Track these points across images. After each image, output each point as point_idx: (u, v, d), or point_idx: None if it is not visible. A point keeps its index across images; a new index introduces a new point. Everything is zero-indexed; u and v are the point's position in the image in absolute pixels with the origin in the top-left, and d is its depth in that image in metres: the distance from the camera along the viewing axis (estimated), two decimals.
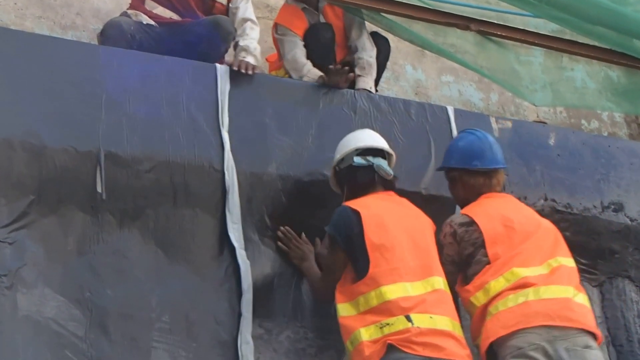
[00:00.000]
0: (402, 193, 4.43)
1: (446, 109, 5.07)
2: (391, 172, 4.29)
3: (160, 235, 4.17)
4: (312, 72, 5.03)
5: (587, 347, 4.00)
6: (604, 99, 6.23)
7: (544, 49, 5.76)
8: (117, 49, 4.39)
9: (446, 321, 3.91)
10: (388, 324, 3.82)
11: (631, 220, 5.25)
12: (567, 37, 5.66)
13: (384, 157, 4.30)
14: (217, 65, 4.57)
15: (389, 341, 3.77)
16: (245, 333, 4.11)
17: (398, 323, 3.82)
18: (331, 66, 4.83)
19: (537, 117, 6.46)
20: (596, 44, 5.62)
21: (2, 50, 4.00)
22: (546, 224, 4.39)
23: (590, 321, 4.10)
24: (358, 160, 4.23)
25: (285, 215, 4.39)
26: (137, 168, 4.13)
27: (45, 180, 3.95)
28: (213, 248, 4.25)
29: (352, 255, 4.01)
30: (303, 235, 4.38)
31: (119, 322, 3.95)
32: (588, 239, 5.15)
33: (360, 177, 4.22)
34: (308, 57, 5.15)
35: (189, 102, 4.35)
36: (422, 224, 4.22)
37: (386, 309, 3.85)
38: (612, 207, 5.23)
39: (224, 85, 4.47)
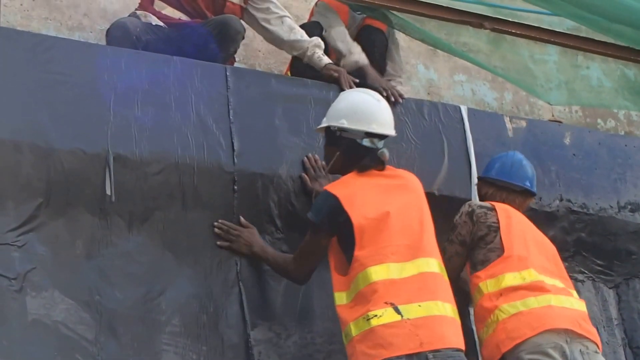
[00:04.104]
0: None
1: (459, 108, 5.03)
2: (387, 154, 4.14)
3: (169, 238, 4.13)
4: (362, 56, 5.03)
5: (596, 352, 4.10)
6: (620, 98, 6.18)
7: (559, 47, 5.71)
8: (124, 49, 4.35)
9: (437, 305, 3.81)
10: (376, 316, 3.71)
11: None
12: (583, 34, 5.61)
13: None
14: (227, 66, 4.54)
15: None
16: None
17: (387, 315, 3.72)
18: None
19: (553, 116, 6.42)
20: (612, 41, 5.56)
21: (8, 52, 3.97)
22: (558, 255, 4.44)
23: (598, 336, 4.19)
24: (366, 142, 4.07)
25: (295, 217, 4.35)
26: (145, 170, 4.10)
27: (54, 182, 3.92)
28: (222, 251, 4.21)
29: (341, 241, 3.93)
30: (242, 219, 4.27)
31: (129, 325, 3.92)
32: (604, 239, 5.11)
33: (360, 156, 4.07)
34: None
35: (198, 103, 4.30)
36: (413, 201, 4.08)
37: (372, 291, 3.75)
38: (629, 207, 5.19)
39: (233, 86, 4.43)
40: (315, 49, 4.84)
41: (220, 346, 4.08)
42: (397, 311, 3.71)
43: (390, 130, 4.16)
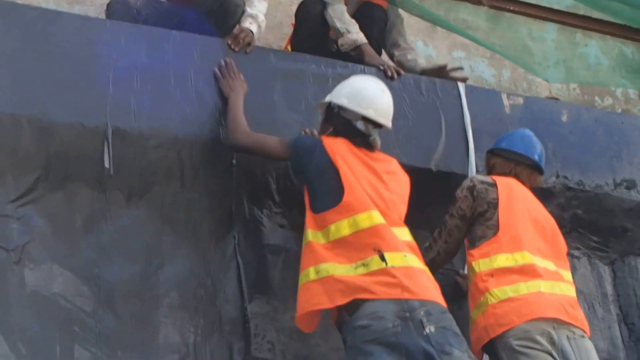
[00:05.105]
0: (412, 169, 4.40)
1: (457, 85, 5.03)
2: (379, 143, 4.19)
3: (168, 212, 4.15)
4: (360, 35, 5.03)
5: (582, 337, 4.13)
6: (617, 76, 6.19)
7: (558, 25, 5.71)
8: (124, 23, 4.35)
9: (419, 263, 3.89)
10: (363, 265, 3.79)
11: None
12: (581, 12, 5.63)
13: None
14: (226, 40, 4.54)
15: (357, 296, 3.74)
16: None
17: (372, 263, 3.78)
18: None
19: (550, 93, 6.42)
20: (610, 19, 5.57)
21: (8, 25, 3.98)
22: (557, 231, 4.44)
23: (585, 321, 4.22)
24: (360, 126, 4.12)
25: (293, 192, 4.37)
26: (144, 145, 4.11)
27: (53, 156, 3.94)
28: (220, 225, 4.24)
29: (312, 181, 3.98)
30: (242, 75, 4.36)
31: (127, 298, 3.95)
32: (600, 216, 5.12)
33: (351, 138, 4.11)
34: None
35: (197, 78, 4.31)
36: (393, 182, 4.12)
37: (358, 240, 3.82)
38: (625, 184, 5.20)
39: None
40: (254, 23, 4.71)
41: (217, 320, 4.11)
42: (382, 258, 3.78)
43: (386, 121, 4.18)
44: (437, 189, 4.55)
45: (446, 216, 4.34)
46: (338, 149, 4.02)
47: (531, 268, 4.13)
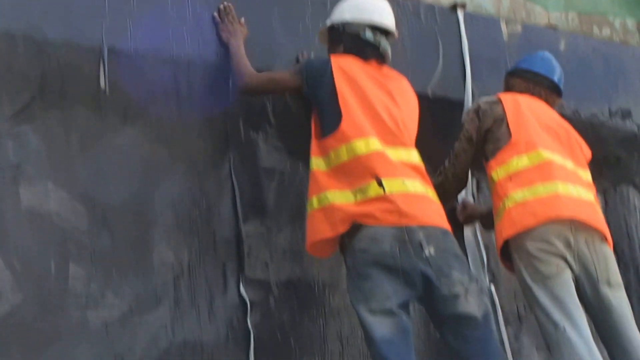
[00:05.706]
0: None
1: (456, 11, 5.02)
2: (390, 51, 4.19)
3: (163, 133, 4.14)
4: None
5: (602, 241, 4.14)
6: (617, 6, 6.16)
7: None
8: None
9: (419, 186, 3.89)
10: (361, 191, 3.80)
11: (638, 127, 5.23)
12: None
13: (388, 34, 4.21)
14: None
15: (356, 220, 3.78)
16: None
17: (370, 190, 3.79)
18: None
19: (548, 22, 6.38)
20: None
21: None
22: (575, 136, 4.42)
23: (605, 225, 4.20)
24: (368, 35, 4.13)
25: (288, 113, 4.38)
26: (140, 65, 4.09)
27: (48, 75, 3.91)
28: (216, 147, 4.24)
29: (321, 106, 3.99)
30: (242, 19, 4.31)
31: (122, 218, 3.96)
32: (594, 145, 5.12)
33: (362, 50, 4.11)
34: None
35: None
36: (403, 103, 4.12)
37: (357, 166, 3.83)
38: (620, 114, 5.21)
39: None
40: None
41: (212, 240, 4.14)
42: (380, 184, 3.79)
43: (392, 26, 4.19)
44: (434, 116, 4.55)
45: (455, 142, 4.35)
46: (347, 68, 4.01)
47: (548, 166, 4.14)
